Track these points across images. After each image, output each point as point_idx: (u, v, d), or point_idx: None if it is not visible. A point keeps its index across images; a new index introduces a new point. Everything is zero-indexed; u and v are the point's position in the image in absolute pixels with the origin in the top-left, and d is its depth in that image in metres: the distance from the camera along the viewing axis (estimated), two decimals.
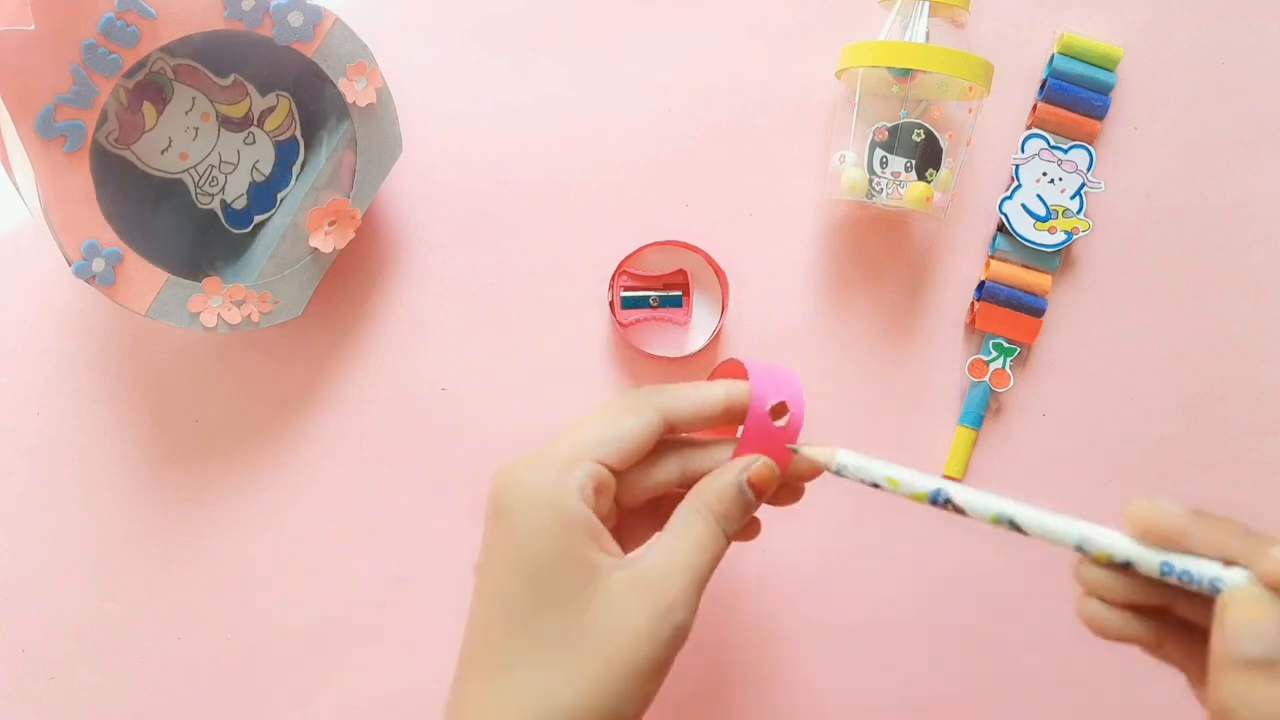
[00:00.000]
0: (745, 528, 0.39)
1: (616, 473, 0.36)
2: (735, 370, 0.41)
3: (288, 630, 0.51)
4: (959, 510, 0.34)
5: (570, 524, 0.34)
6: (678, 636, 0.34)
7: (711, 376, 0.42)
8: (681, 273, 0.51)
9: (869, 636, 0.51)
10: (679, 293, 0.51)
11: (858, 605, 0.51)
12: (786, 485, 0.39)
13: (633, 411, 0.37)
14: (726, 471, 0.37)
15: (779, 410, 0.38)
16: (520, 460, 0.36)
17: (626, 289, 0.51)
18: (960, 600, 0.51)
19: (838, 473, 0.36)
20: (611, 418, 0.36)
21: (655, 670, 0.34)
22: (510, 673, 0.34)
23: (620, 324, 0.50)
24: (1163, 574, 0.32)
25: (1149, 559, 0.32)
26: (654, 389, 0.38)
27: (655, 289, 0.51)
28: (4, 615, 0.50)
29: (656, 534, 0.37)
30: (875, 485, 0.36)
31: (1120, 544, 0.33)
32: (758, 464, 0.37)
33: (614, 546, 0.36)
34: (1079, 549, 0.33)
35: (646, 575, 0.34)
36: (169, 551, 0.51)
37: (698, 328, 0.51)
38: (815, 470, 0.38)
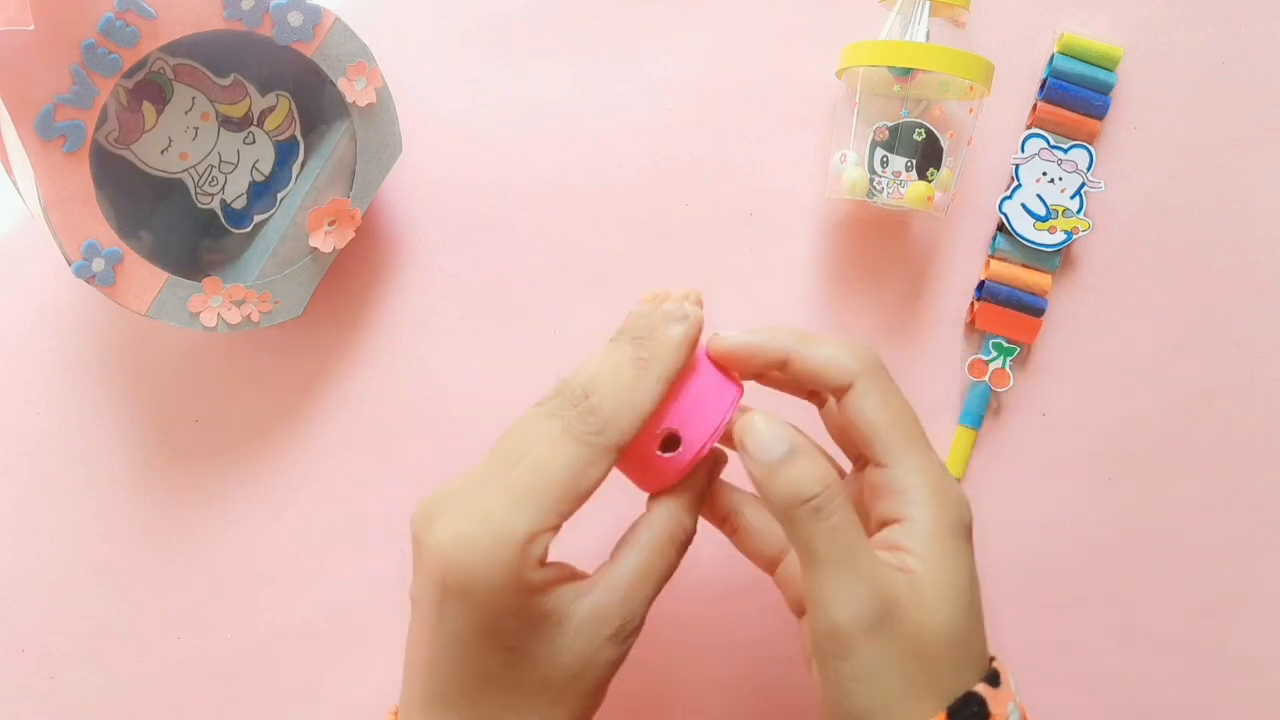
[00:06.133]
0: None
1: None
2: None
3: (288, 630, 0.51)
4: None
5: (528, 594, 0.33)
6: (627, 648, 0.35)
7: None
8: None
9: None
10: None
11: None
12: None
13: (591, 462, 0.34)
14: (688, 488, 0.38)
15: (670, 441, 0.37)
16: (465, 532, 0.33)
17: None
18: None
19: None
20: (568, 469, 0.33)
21: (601, 688, 0.35)
22: (471, 705, 0.34)
23: None
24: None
25: None
26: (598, 422, 0.34)
27: None
28: (4, 615, 0.50)
29: (617, 552, 0.36)
30: None
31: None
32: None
33: (563, 581, 0.35)
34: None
35: (605, 600, 0.35)
36: (169, 551, 0.51)
37: None
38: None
